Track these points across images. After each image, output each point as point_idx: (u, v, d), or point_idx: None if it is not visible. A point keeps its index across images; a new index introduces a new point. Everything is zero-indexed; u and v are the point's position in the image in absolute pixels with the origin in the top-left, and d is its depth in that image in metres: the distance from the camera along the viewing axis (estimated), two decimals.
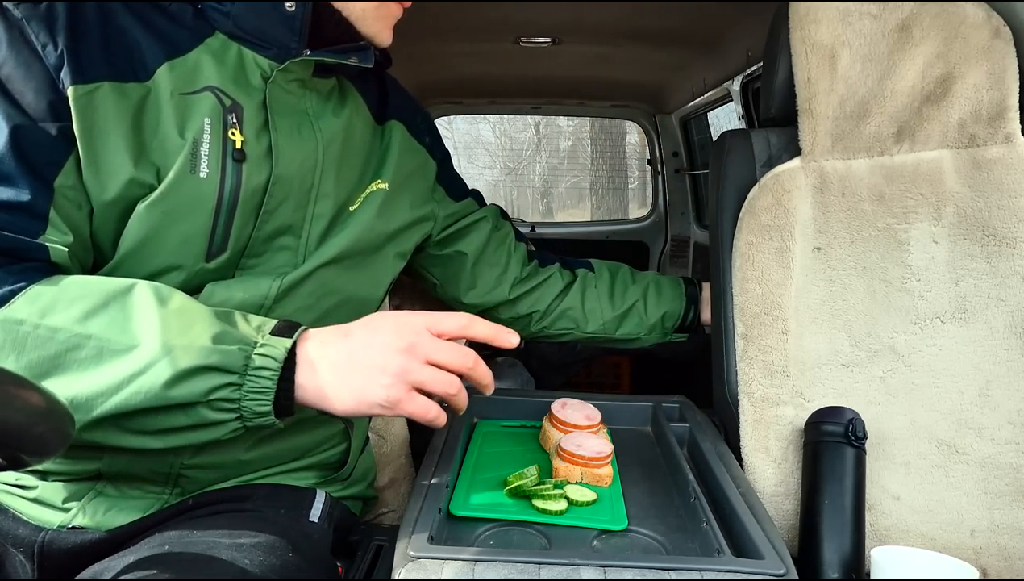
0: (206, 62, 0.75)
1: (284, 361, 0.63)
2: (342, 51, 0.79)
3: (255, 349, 0.63)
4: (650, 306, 1.14)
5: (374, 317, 0.68)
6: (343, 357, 0.64)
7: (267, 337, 0.64)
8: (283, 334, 0.65)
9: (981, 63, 0.93)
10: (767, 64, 1.03)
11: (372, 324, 0.66)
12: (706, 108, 2.56)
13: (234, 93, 0.75)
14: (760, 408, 0.97)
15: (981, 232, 0.94)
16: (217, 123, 0.73)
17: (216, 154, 0.73)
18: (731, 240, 1.02)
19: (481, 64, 2.29)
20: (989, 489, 0.91)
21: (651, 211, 3.19)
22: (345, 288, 0.85)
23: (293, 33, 0.76)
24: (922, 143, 0.97)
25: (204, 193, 0.73)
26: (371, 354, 0.64)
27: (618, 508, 0.79)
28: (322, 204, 0.81)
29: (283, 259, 0.80)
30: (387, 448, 1.11)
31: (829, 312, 0.97)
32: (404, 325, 0.65)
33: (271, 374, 0.62)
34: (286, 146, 0.77)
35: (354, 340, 0.65)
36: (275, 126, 0.76)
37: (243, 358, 0.62)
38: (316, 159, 0.80)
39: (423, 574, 0.62)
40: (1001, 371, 0.92)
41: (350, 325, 0.67)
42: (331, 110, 0.83)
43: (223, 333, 0.63)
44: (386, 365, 0.63)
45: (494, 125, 6.40)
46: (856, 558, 0.83)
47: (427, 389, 0.65)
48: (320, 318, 0.82)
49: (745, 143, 1.05)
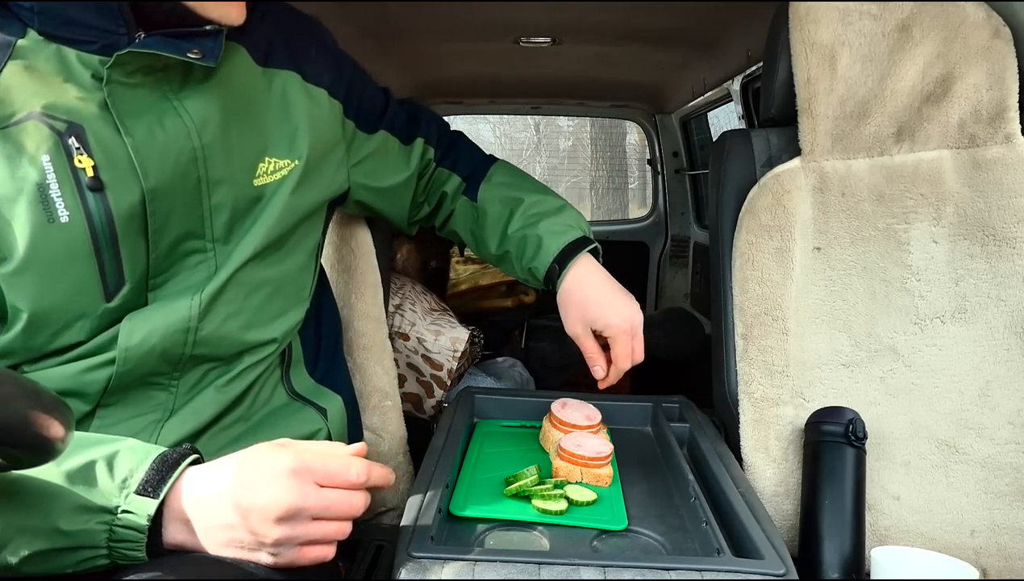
0: (17, 81, 0.62)
1: (150, 523, 0.57)
2: (182, 36, 0.66)
3: (116, 517, 0.56)
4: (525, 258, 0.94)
5: (257, 466, 0.59)
6: (219, 519, 0.58)
7: (130, 499, 0.57)
8: (152, 488, 0.57)
9: (981, 63, 0.93)
10: (767, 64, 1.03)
11: (253, 478, 0.58)
12: (706, 108, 2.56)
13: (65, 111, 0.63)
14: (760, 408, 0.97)
15: (981, 232, 0.94)
16: (58, 155, 0.63)
17: (70, 191, 0.63)
18: (731, 240, 1.02)
19: (481, 64, 2.29)
20: (989, 489, 0.91)
21: (651, 211, 3.19)
22: (273, 278, 0.78)
23: (115, 20, 0.64)
24: (922, 143, 0.97)
25: (73, 240, 0.63)
26: (251, 520, 0.57)
27: (618, 508, 0.79)
28: (218, 193, 0.71)
29: (196, 265, 0.72)
30: (384, 447, 1.11)
31: (829, 312, 0.97)
32: (291, 487, 0.57)
33: (135, 544, 0.57)
34: (149, 151, 0.66)
35: (230, 501, 0.57)
36: (128, 131, 0.65)
37: (105, 532, 0.56)
38: (193, 148, 0.68)
39: (423, 574, 0.62)
40: (1001, 371, 0.92)
41: (230, 471, 0.59)
42: (199, 81, 0.69)
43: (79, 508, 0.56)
44: (266, 536, 0.57)
45: (494, 125, 6.40)
46: (856, 558, 0.83)
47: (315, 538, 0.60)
48: (254, 315, 0.76)
49: (745, 143, 1.05)
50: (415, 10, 1.63)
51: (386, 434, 1.12)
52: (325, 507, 0.58)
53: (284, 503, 0.56)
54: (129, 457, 0.59)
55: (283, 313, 0.80)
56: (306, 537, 0.58)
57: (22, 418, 0.46)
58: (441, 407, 1.60)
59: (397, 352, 1.58)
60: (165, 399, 0.72)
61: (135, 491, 0.57)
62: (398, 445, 1.13)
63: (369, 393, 1.11)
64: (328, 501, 0.58)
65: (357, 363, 1.11)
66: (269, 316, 0.78)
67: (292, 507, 0.57)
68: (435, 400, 1.60)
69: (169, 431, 0.72)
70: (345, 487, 0.60)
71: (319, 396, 0.87)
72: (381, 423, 1.11)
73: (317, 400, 0.86)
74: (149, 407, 0.72)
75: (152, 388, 0.72)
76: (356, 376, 1.10)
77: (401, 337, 1.60)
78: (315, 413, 0.85)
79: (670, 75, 2.37)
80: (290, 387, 0.84)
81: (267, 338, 0.78)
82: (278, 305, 0.79)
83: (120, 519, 0.56)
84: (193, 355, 0.72)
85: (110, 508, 0.56)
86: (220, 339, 0.73)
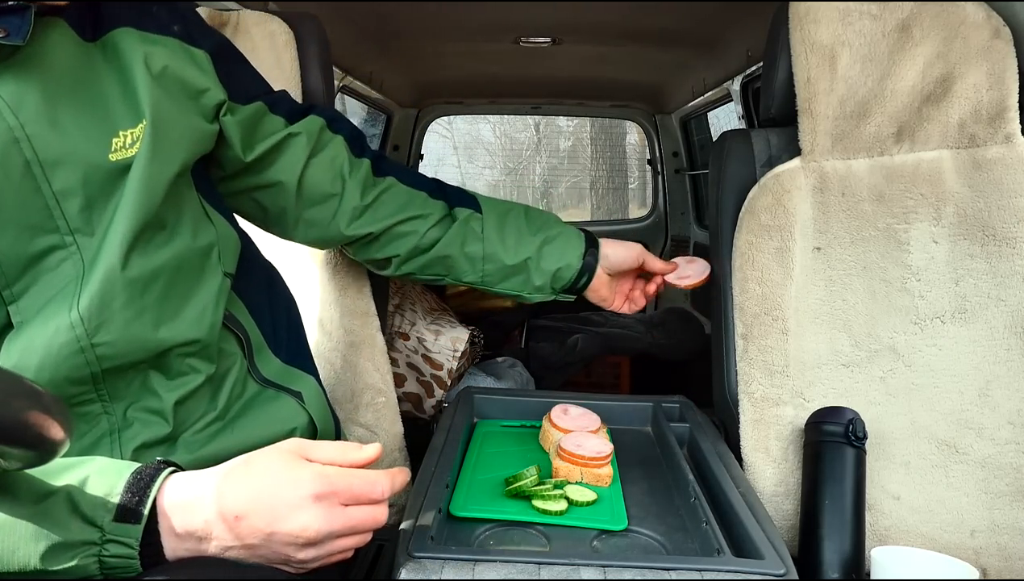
0: None
1: (141, 546, 0.55)
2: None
3: (103, 550, 0.54)
4: (544, 264, 0.95)
5: (277, 489, 0.57)
6: (233, 540, 0.57)
7: (110, 526, 0.54)
8: (130, 512, 0.55)
9: (981, 63, 0.93)
10: (767, 64, 1.03)
11: (276, 504, 0.56)
12: (706, 108, 2.56)
13: None
14: (760, 408, 0.97)
15: (981, 232, 0.94)
16: None
17: None
18: (731, 240, 1.02)
19: (481, 64, 2.29)
20: (989, 489, 0.91)
21: (651, 211, 3.19)
22: (168, 263, 0.68)
23: None
24: (922, 143, 0.97)
25: None
26: (274, 544, 0.56)
27: (618, 508, 0.79)
28: (59, 177, 0.62)
29: (58, 264, 0.63)
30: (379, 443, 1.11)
31: (829, 312, 0.97)
32: (318, 514, 0.56)
33: (131, 563, 0.55)
34: None
35: (248, 526, 0.56)
36: None
37: (95, 562, 0.54)
38: (10, 127, 0.60)
39: (423, 574, 0.62)
40: (1001, 371, 0.92)
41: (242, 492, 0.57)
42: (5, 58, 0.61)
43: (55, 547, 0.54)
44: (293, 556, 0.57)
45: (494, 125, 6.40)
46: (856, 558, 0.83)
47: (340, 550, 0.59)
48: (160, 310, 0.68)
49: (745, 143, 1.05)
50: (415, 10, 1.63)
51: (381, 431, 1.11)
52: (352, 527, 0.58)
53: (312, 529, 0.56)
54: (100, 481, 0.56)
55: (198, 294, 0.72)
56: (331, 552, 0.59)
57: (21, 418, 0.46)
58: (441, 407, 1.60)
59: (397, 352, 1.58)
60: (106, 417, 0.68)
61: (114, 517, 0.55)
62: (394, 442, 1.13)
63: (361, 390, 1.10)
64: (355, 521, 0.58)
65: (348, 360, 1.10)
66: (180, 304, 0.70)
67: (321, 532, 0.56)
68: (435, 400, 1.60)
69: (129, 442, 0.68)
70: (369, 504, 0.60)
71: (292, 380, 0.82)
72: (375, 420, 1.11)
73: (290, 385, 0.82)
74: (91, 424, 0.67)
75: (85, 405, 0.66)
76: (347, 373, 1.10)
77: (401, 337, 1.60)
78: (291, 400, 0.80)
79: (670, 75, 2.37)
80: (258, 375, 0.79)
81: (191, 333, 0.71)
82: (186, 288, 0.70)
83: (108, 549, 0.54)
84: (108, 369, 0.66)
85: (93, 540, 0.54)
86: (130, 346, 0.66)
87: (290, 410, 0.80)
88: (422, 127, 3.01)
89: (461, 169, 6.29)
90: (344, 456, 0.62)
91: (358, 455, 0.62)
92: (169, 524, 0.56)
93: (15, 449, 0.47)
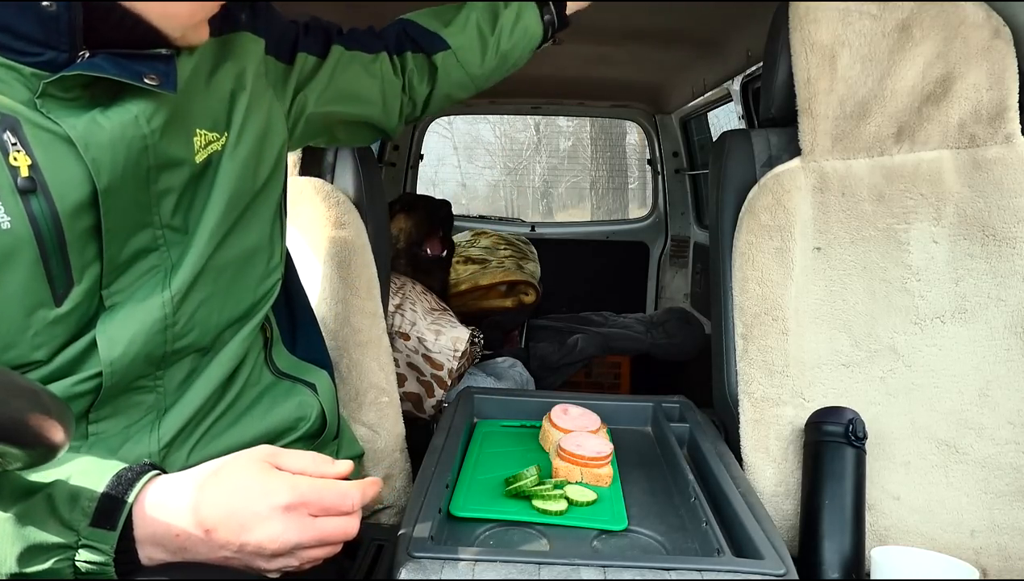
0: None
1: (116, 553, 0.55)
2: (134, 57, 0.61)
3: (77, 554, 0.54)
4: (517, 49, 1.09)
5: (247, 501, 0.57)
6: (206, 553, 0.57)
7: (86, 531, 0.54)
8: (107, 518, 0.55)
9: (981, 63, 0.93)
10: (767, 64, 1.03)
11: (244, 516, 0.56)
12: (706, 108, 2.56)
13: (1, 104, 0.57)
14: (760, 408, 0.97)
15: (981, 232, 0.94)
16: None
17: (9, 192, 0.57)
18: (731, 240, 1.02)
19: None
20: (989, 489, 0.91)
21: (651, 211, 3.19)
22: (240, 254, 0.74)
23: (60, 37, 0.57)
24: (922, 143, 0.97)
25: (16, 246, 0.58)
26: (245, 554, 0.57)
27: (618, 508, 0.79)
28: (163, 179, 0.65)
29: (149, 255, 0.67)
30: (380, 444, 1.11)
31: (829, 312, 0.97)
32: (287, 526, 0.57)
33: (106, 569, 0.55)
34: (97, 143, 0.60)
35: (221, 539, 0.56)
36: (70, 123, 0.59)
37: (69, 566, 0.55)
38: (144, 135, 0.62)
39: (423, 574, 0.62)
40: (1001, 371, 0.92)
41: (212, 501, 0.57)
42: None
43: (31, 549, 0.54)
44: (261, 565, 0.58)
45: (494, 125, 6.41)
46: (856, 558, 0.83)
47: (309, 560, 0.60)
48: (226, 296, 0.74)
49: (745, 143, 1.05)
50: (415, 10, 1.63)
51: (383, 431, 1.11)
52: (320, 538, 0.58)
53: (280, 540, 0.56)
54: (80, 483, 0.56)
55: (257, 284, 0.78)
56: (300, 561, 0.58)
57: (21, 418, 0.46)
58: (441, 407, 1.60)
59: (397, 352, 1.58)
60: (155, 400, 0.70)
61: (91, 522, 0.55)
62: (395, 442, 1.13)
63: (365, 389, 1.11)
64: (324, 533, 0.58)
65: (353, 359, 1.10)
66: (242, 290, 0.76)
67: (288, 543, 0.57)
68: (435, 400, 1.60)
69: (166, 429, 0.71)
70: (339, 516, 0.59)
71: (305, 372, 0.85)
72: (378, 419, 1.11)
73: (304, 376, 0.85)
74: (140, 412, 0.70)
75: (138, 393, 0.69)
76: (352, 372, 1.10)
77: (401, 337, 1.60)
78: (304, 389, 0.83)
79: (670, 75, 2.37)
80: (274, 366, 0.83)
81: (242, 310, 0.76)
82: (249, 278, 0.76)
83: (83, 555, 0.55)
84: (174, 350, 0.70)
85: (70, 543, 0.54)
86: (197, 328, 0.71)
87: (304, 399, 0.83)
88: (422, 126, 3.01)
89: (461, 169, 6.30)
90: (316, 467, 0.61)
91: (330, 469, 0.62)
92: (145, 533, 0.56)
93: (15, 449, 0.47)
